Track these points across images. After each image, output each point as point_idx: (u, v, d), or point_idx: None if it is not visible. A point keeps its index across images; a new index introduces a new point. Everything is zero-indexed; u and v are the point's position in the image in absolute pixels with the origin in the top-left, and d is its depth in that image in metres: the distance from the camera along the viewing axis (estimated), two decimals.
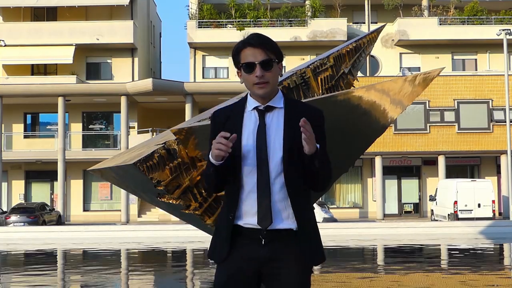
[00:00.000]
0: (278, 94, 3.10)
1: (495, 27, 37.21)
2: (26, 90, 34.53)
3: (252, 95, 3.09)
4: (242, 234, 3.02)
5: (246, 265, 3.02)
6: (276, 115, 3.05)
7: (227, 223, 3.05)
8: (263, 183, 2.98)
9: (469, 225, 18.50)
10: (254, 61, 3.01)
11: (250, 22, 39.01)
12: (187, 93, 34.13)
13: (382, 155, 34.11)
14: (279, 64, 3.08)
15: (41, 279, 10.10)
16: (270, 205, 2.97)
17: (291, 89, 6.61)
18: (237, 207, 3.02)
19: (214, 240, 3.14)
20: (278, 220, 2.99)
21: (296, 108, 3.09)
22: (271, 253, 3.00)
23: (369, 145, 7.62)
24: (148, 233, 18.16)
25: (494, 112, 34.00)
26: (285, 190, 2.99)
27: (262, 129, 3.02)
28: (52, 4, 38.82)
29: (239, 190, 3.02)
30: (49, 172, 36.43)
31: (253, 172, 2.99)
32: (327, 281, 9.24)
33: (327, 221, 25.02)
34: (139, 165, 5.50)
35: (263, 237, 2.99)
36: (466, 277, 9.50)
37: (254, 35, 3.06)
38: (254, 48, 3.02)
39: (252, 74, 3.02)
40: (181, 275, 11.05)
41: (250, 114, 3.07)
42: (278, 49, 3.07)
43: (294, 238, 3.01)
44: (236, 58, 3.09)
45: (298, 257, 3.02)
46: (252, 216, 3.00)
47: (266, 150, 2.99)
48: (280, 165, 2.98)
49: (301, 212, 3.02)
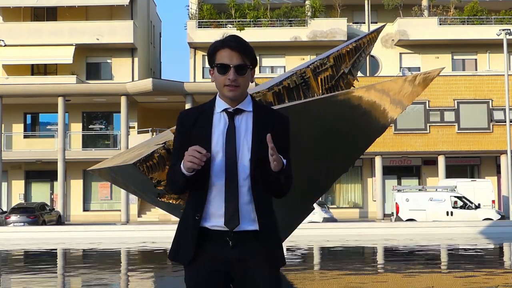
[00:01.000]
0: (247, 98, 3.11)
1: (495, 27, 37.21)
2: (26, 90, 34.53)
3: (221, 96, 3.09)
4: (208, 236, 3.01)
5: (214, 267, 3.01)
6: (245, 118, 3.06)
7: (193, 224, 3.02)
8: (231, 186, 2.97)
9: (469, 225, 18.48)
10: (229, 63, 3.02)
11: (250, 22, 39.00)
12: (187, 93, 34.13)
13: (382, 155, 34.11)
14: (252, 70, 3.10)
15: (41, 279, 10.10)
16: (238, 207, 2.97)
17: (291, 89, 6.61)
18: (204, 208, 3.01)
19: (177, 241, 3.10)
20: (245, 222, 2.99)
21: (264, 113, 3.10)
22: (239, 254, 3.00)
23: (369, 145, 7.63)
24: (148, 233, 18.14)
25: (494, 112, 34.00)
26: (251, 193, 2.99)
27: (231, 131, 3.01)
28: (52, 4, 38.83)
29: (206, 192, 3.01)
30: (49, 172, 36.43)
31: (221, 174, 2.99)
32: (327, 281, 9.24)
33: (327, 221, 25.00)
34: (139, 165, 5.50)
35: (230, 239, 2.98)
36: (466, 277, 9.50)
37: (233, 37, 3.06)
38: (232, 50, 3.03)
39: (225, 76, 3.02)
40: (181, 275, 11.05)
41: (220, 116, 3.07)
42: (254, 56, 3.09)
43: (258, 239, 3.01)
44: (211, 56, 3.09)
45: (265, 258, 3.02)
46: (219, 218, 2.99)
47: (235, 152, 2.99)
48: (248, 168, 2.98)
49: (264, 215, 3.03)
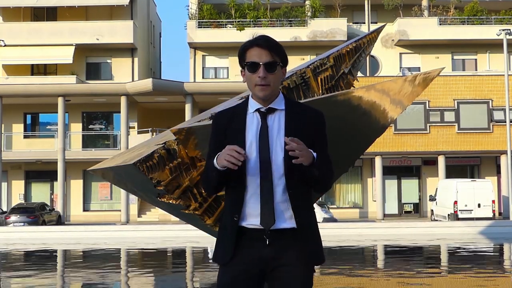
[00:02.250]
0: (280, 96, 3.12)
1: (495, 27, 37.20)
2: (26, 90, 34.52)
3: (253, 96, 3.11)
4: (246, 234, 3.04)
5: (250, 265, 3.03)
6: (277, 117, 3.07)
7: (231, 224, 3.05)
8: (266, 185, 3.00)
9: (469, 225, 18.49)
10: (258, 61, 3.03)
11: (250, 22, 39.00)
12: (187, 93, 34.13)
13: (382, 155, 34.11)
14: (283, 68, 3.11)
15: (41, 279, 10.10)
16: (273, 206, 2.99)
17: (291, 89, 6.61)
18: (241, 209, 3.04)
19: (219, 242, 3.14)
20: (281, 221, 3.01)
21: (297, 109, 3.11)
22: (275, 252, 3.02)
23: (369, 145, 7.62)
24: (148, 233, 18.15)
25: (494, 112, 34.00)
26: (287, 191, 3.01)
27: (264, 131, 3.03)
28: (52, 4, 38.82)
29: (243, 192, 3.03)
30: (49, 172, 36.42)
31: (256, 174, 3.01)
32: (327, 281, 9.25)
33: (327, 221, 25.01)
34: (139, 165, 5.50)
35: (267, 237, 3.01)
36: (466, 277, 9.51)
37: (262, 37, 3.09)
38: (261, 48, 3.04)
39: (255, 74, 3.04)
40: (181, 275, 11.05)
41: (252, 116, 3.08)
42: (284, 54, 3.09)
43: (295, 237, 3.03)
44: (242, 56, 3.10)
45: (300, 256, 3.04)
46: (255, 217, 3.02)
47: (268, 152, 3.01)
48: (282, 167, 3.00)
49: (301, 213, 3.04)
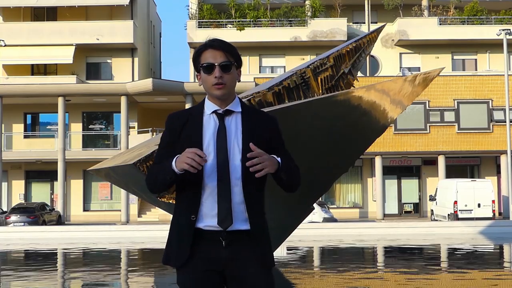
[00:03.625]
0: (236, 99, 3.15)
1: (495, 27, 37.21)
2: (26, 90, 34.54)
3: (209, 98, 3.13)
4: (201, 236, 3.03)
5: (208, 267, 3.04)
6: (234, 119, 3.10)
7: (187, 225, 3.04)
8: (224, 186, 3.01)
9: (469, 225, 18.46)
10: (214, 62, 3.07)
11: (250, 22, 39.00)
12: (187, 93, 34.14)
13: (382, 155, 34.11)
14: (238, 69, 3.14)
15: (41, 279, 10.10)
16: (231, 207, 3.00)
17: (291, 89, 6.61)
18: (198, 209, 3.03)
19: (170, 244, 3.12)
20: (238, 222, 3.03)
21: (253, 113, 3.16)
22: (232, 253, 3.03)
23: (369, 145, 7.62)
24: (148, 233, 18.13)
25: (494, 112, 34.00)
26: (243, 193, 3.03)
27: (222, 133, 3.05)
28: (52, 4, 38.83)
29: (200, 192, 3.03)
30: (49, 172, 36.44)
31: (213, 175, 3.02)
32: (327, 282, 9.25)
33: (327, 221, 24.99)
34: (139, 165, 5.50)
35: (223, 238, 3.01)
36: (465, 277, 9.50)
37: (215, 39, 3.13)
38: (215, 50, 3.08)
39: (211, 75, 3.07)
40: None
41: (209, 118, 3.10)
42: (238, 55, 3.14)
43: (250, 239, 3.05)
44: (196, 60, 3.14)
45: (258, 257, 3.06)
46: (212, 218, 3.02)
47: (226, 153, 3.02)
48: (240, 168, 3.02)
49: (255, 215, 3.06)
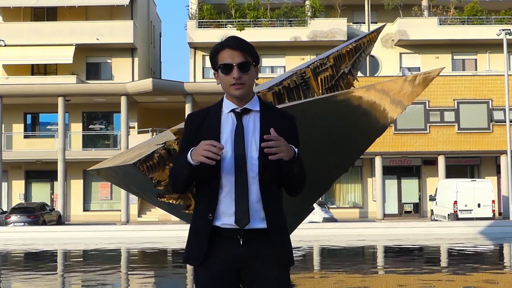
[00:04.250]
0: (254, 98, 3.14)
1: (495, 27, 37.21)
2: (26, 90, 34.53)
3: (228, 97, 3.13)
4: (219, 235, 3.04)
5: (225, 265, 3.04)
6: (252, 117, 3.09)
7: (205, 224, 3.05)
8: (241, 184, 3.01)
9: (469, 225, 18.47)
10: (231, 62, 3.05)
11: (250, 22, 39.00)
12: (187, 93, 34.14)
13: (382, 155, 34.10)
14: (255, 67, 3.13)
15: (41, 279, 10.10)
16: (248, 205, 3.00)
17: (291, 89, 6.60)
18: (216, 208, 3.04)
19: (190, 243, 3.13)
20: (255, 220, 3.02)
21: (271, 112, 3.15)
22: (249, 252, 3.02)
23: (369, 145, 7.62)
24: (148, 233, 18.13)
25: (494, 112, 34.00)
26: (260, 191, 3.02)
27: (239, 131, 3.05)
28: (52, 4, 38.83)
29: (217, 191, 3.04)
30: (49, 172, 36.43)
31: (230, 173, 3.02)
32: (327, 282, 9.24)
33: (327, 221, 24.98)
34: (139, 165, 5.50)
35: (241, 236, 3.01)
36: (466, 277, 9.51)
37: (232, 38, 3.11)
38: (232, 50, 3.07)
39: (229, 76, 3.06)
40: (181, 275, 11.04)
41: (227, 117, 3.10)
42: (255, 53, 3.12)
43: (267, 238, 3.04)
44: (213, 59, 3.13)
45: (275, 256, 3.05)
46: (229, 217, 3.02)
47: (244, 151, 3.02)
48: (257, 166, 3.02)
49: (273, 214, 3.05)
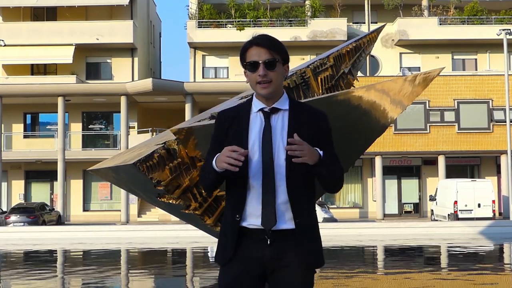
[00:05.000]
0: (284, 96, 3.11)
1: (495, 27, 37.20)
2: (26, 90, 34.52)
3: (257, 96, 3.10)
4: (247, 235, 3.03)
5: (251, 265, 3.02)
6: (281, 117, 3.06)
7: (232, 224, 3.04)
8: (268, 185, 2.99)
9: (469, 225, 18.47)
10: (258, 60, 3.03)
11: (250, 22, 38.99)
12: (187, 93, 34.13)
13: (382, 155, 34.10)
14: (284, 65, 3.10)
15: (41, 279, 10.10)
16: (275, 206, 2.98)
17: (291, 89, 6.60)
18: (243, 209, 3.03)
19: (220, 242, 3.13)
20: (282, 221, 3.00)
21: (300, 109, 3.10)
22: (276, 253, 3.01)
23: (369, 145, 7.61)
24: (148, 233, 18.14)
25: (494, 112, 33.99)
26: (288, 192, 3.00)
27: (267, 132, 3.02)
28: (52, 4, 38.82)
29: (245, 192, 3.02)
30: (49, 172, 36.42)
31: (258, 174, 3.00)
32: (327, 281, 9.24)
33: (327, 221, 24.99)
34: (139, 165, 5.49)
35: (268, 237, 3.00)
36: (465, 277, 9.50)
37: (261, 35, 3.09)
38: (260, 47, 3.04)
39: (256, 73, 3.03)
40: (181, 275, 11.04)
41: (256, 116, 3.07)
42: (284, 50, 3.09)
43: (295, 239, 3.02)
44: (242, 57, 3.11)
45: (301, 257, 3.03)
46: (257, 218, 3.00)
47: (271, 152, 3.00)
48: (284, 167, 2.99)
49: (301, 214, 3.03)
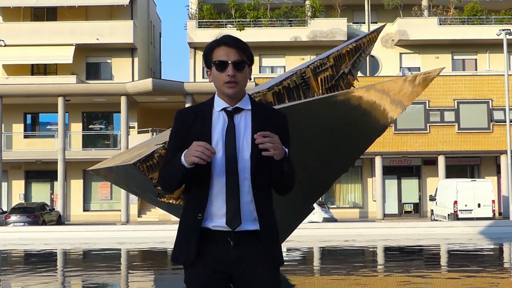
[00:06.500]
0: (246, 97, 3.11)
1: (495, 27, 37.21)
2: (26, 90, 34.53)
3: (220, 95, 3.09)
4: (210, 236, 3.00)
5: (216, 267, 3.00)
6: (244, 116, 3.05)
7: (194, 225, 3.01)
8: (232, 185, 2.97)
9: (469, 225, 18.47)
10: (227, 60, 3.02)
11: (250, 22, 39.00)
12: (187, 93, 34.14)
13: (382, 155, 34.10)
14: (250, 67, 3.10)
15: (41, 279, 10.10)
16: (239, 206, 2.97)
17: (291, 89, 6.60)
18: (205, 208, 3.00)
19: (179, 242, 3.09)
20: (246, 222, 2.99)
21: (263, 110, 3.11)
22: (240, 254, 2.99)
23: (369, 145, 7.63)
24: (148, 233, 18.13)
25: (494, 112, 34.00)
26: (252, 191, 2.99)
27: (231, 130, 3.01)
28: (52, 4, 38.83)
29: (207, 191, 2.99)
30: (49, 172, 36.43)
31: (221, 173, 2.98)
32: (327, 281, 9.24)
33: (327, 221, 24.98)
34: (139, 165, 5.50)
35: (232, 239, 2.98)
36: (466, 277, 9.50)
37: (228, 36, 3.08)
38: (229, 47, 3.03)
39: (224, 73, 3.02)
40: (180, 275, 11.05)
41: (219, 115, 3.06)
42: (251, 53, 3.09)
43: (259, 239, 3.01)
44: (208, 56, 3.08)
45: (267, 257, 3.03)
46: (220, 218, 2.98)
47: (235, 151, 2.99)
48: (249, 166, 2.98)
49: (265, 214, 3.02)
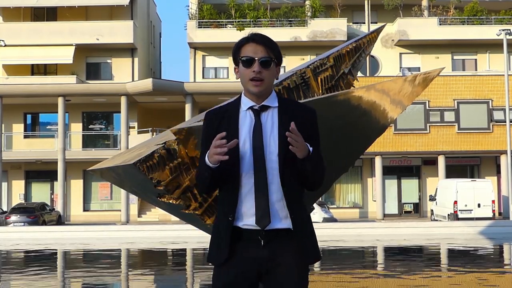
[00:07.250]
0: (272, 94, 3.10)
1: (495, 27, 37.20)
2: (26, 90, 34.53)
3: (246, 94, 3.09)
4: (241, 235, 3.01)
5: (246, 266, 3.01)
6: (270, 114, 3.05)
7: (226, 225, 3.02)
8: (261, 184, 2.96)
9: (469, 225, 18.48)
10: (254, 56, 3.02)
11: (250, 22, 39.00)
12: (187, 93, 34.14)
13: (382, 155, 34.10)
14: (277, 66, 3.09)
15: (41, 279, 10.10)
16: (268, 205, 2.96)
17: (291, 89, 6.60)
18: (236, 208, 3.01)
19: (213, 242, 3.11)
20: (276, 220, 2.99)
21: (290, 107, 3.09)
22: (270, 253, 3.00)
23: (369, 145, 7.62)
24: (148, 233, 18.15)
25: (494, 112, 33.99)
26: (281, 189, 2.99)
27: (258, 129, 3.00)
28: (52, 4, 38.82)
29: (237, 191, 3.00)
30: (49, 172, 36.42)
31: (250, 173, 2.98)
32: (327, 282, 9.25)
33: (327, 221, 24.99)
34: (139, 165, 5.49)
35: (262, 238, 2.98)
36: (465, 278, 9.51)
37: (257, 33, 3.09)
38: (257, 44, 3.03)
39: (250, 69, 3.02)
40: (181, 275, 11.05)
41: (245, 114, 3.05)
42: (279, 52, 3.09)
43: (291, 237, 3.01)
44: (236, 52, 3.09)
45: (295, 255, 3.02)
46: (250, 217, 2.99)
47: (262, 150, 2.98)
48: (277, 164, 2.97)
49: (296, 211, 3.02)
